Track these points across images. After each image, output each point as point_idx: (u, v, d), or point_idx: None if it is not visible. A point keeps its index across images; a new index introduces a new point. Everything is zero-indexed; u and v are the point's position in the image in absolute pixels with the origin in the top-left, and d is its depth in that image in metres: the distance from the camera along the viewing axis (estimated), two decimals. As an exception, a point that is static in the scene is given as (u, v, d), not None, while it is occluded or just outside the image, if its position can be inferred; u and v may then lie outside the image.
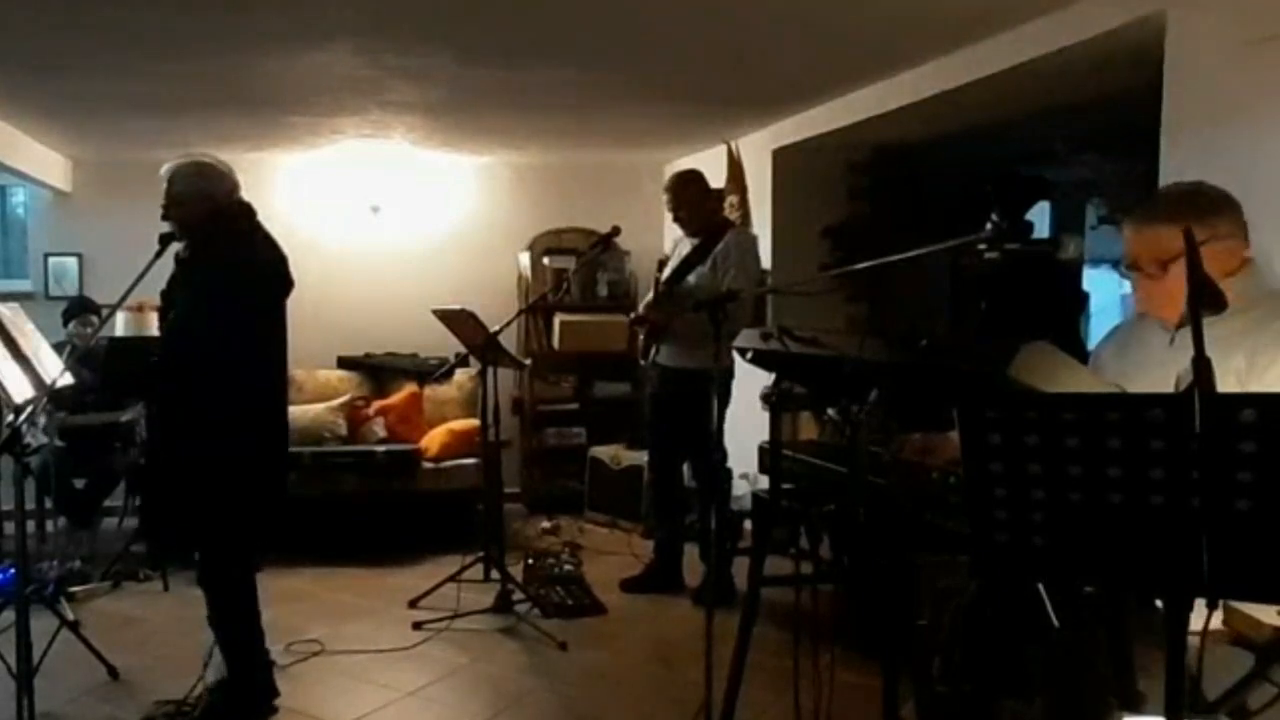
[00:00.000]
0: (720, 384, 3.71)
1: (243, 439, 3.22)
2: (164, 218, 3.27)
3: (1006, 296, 5.18)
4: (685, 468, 5.07)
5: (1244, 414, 1.19)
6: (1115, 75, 3.60)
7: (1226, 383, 1.80)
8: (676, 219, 4.83)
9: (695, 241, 4.75)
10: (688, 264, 4.71)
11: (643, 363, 4.91)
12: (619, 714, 3.60)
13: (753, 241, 4.89)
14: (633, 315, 5.05)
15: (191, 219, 3.23)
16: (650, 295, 4.92)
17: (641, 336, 4.86)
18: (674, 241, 5.05)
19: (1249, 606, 1.73)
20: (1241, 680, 1.79)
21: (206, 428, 3.18)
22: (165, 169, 3.30)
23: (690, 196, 4.78)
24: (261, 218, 3.41)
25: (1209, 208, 2.01)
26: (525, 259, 6.71)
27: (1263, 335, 1.92)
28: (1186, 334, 1.98)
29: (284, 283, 3.38)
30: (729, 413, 3.90)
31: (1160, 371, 1.94)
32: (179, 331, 3.21)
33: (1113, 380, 2.04)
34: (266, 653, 3.51)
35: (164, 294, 3.27)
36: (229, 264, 3.22)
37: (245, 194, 3.39)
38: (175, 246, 3.25)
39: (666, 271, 4.85)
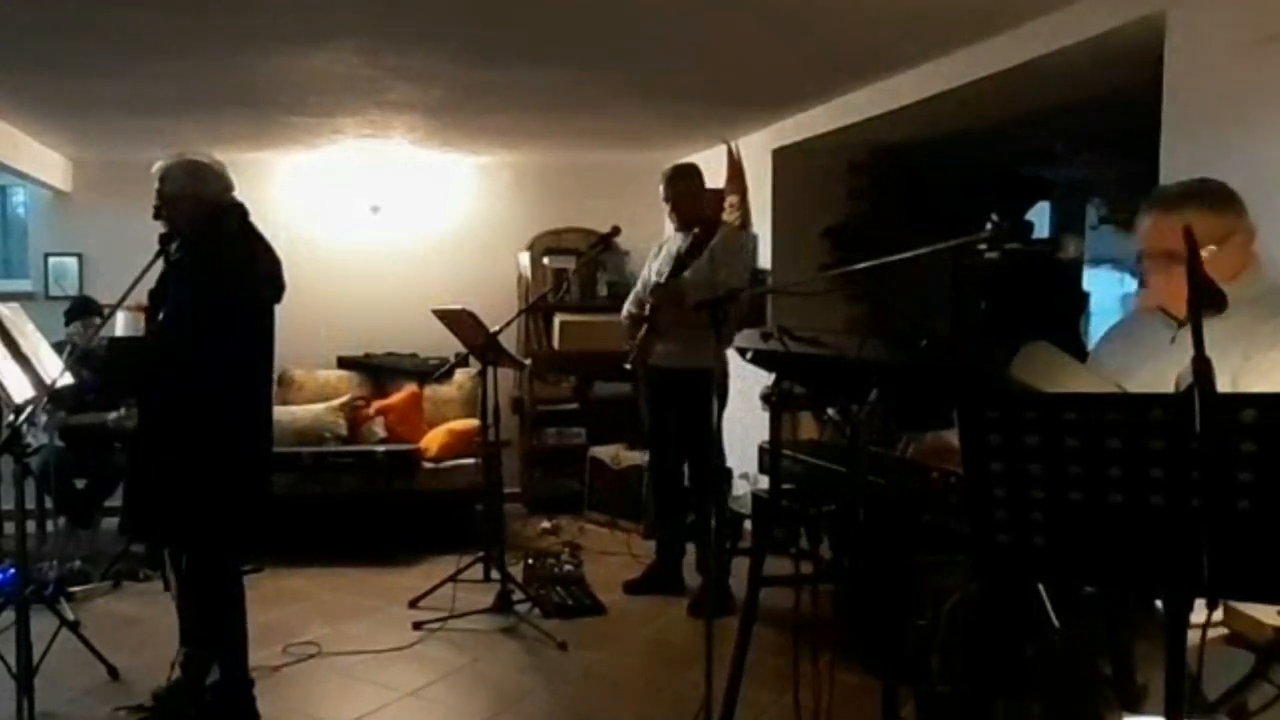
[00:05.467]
0: (717, 384, 3.69)
1: (225, 441, 3.16)
2: (155, 217, 3.19)
3: (1006, 296, 5.17)
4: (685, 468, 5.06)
5: (1244, 414, 1.19)
6: (1115, 75, 3.60)
7: (1223, 381, 1.79)
8: (672, 211, 4.82)
9: (686, 236, 4.73)
10: (682, 260, 4.68)
11: (627, 366, 4.84)
12: (619, 714, 3.60)
13: (745, 239, 4.85)
14: (627, 316, 4.95)
15: (182, 219, 3.15)
16: (635, 291, 4.89)
17: (638, 337, 4.78)
18: (662, 240, 5.02)
19: (1249, 606, 1.73)
20: (1241, 680, 1.80)
21: (190, 428, 3.13)
22: (156, 167, 3.21)
23: (684, 189, 4.76)
24: (261, 218, 3.33)
25: (1235, 199, 2.00)
26: (525, 259, 6.71)
27: (1258, 334, 1.91)
28: (1188, 332, 1.98)
29: (274, 288, 3.28)
30: (727, 413, 3.89)
31: (1163, 369, 1.93)
32: (166, 332, 3.13)
33: (1115, 377, 2.03)
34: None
35: (152, 294, 3.19)
36: (219, 267, 3.12)
37: (245, 194, 3.33)
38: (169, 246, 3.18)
39: (658, 265, 4.80)
